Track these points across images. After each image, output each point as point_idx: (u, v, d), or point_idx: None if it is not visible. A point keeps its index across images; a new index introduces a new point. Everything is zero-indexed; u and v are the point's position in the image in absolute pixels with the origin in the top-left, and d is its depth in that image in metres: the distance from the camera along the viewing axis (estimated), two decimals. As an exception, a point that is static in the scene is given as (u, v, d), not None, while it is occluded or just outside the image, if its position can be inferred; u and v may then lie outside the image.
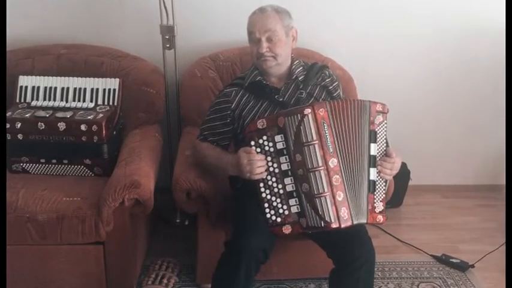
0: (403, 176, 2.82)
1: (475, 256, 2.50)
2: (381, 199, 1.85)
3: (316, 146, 1.74)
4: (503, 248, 2.50)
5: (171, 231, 2.67)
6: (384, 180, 1.87)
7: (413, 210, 2.95)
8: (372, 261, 1.83)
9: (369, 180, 1.82)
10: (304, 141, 1.75)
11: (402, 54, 2.84)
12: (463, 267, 2.44)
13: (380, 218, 1.85)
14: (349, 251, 1.80)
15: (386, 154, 1.87)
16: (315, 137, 1.74)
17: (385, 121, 1.86)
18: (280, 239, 1.99)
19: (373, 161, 1.83)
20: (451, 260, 2.48)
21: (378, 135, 1.85)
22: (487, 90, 2.94)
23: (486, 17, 2.78)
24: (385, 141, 1.88)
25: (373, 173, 1.83)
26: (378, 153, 1.85)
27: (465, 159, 3.12)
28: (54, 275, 2.09)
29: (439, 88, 2.94)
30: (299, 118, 1.75)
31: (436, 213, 2.95)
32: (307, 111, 1.75)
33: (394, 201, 2.78)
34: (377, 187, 1.85)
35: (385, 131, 1.87)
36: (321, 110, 1.76)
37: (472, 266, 2.46)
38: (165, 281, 2.22)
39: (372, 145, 1.83)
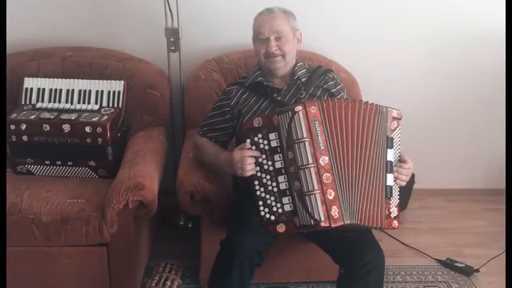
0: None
1: (480, 260, 2.49)
2: (395, 205, 1.85)
3: (307, 143, 1.74)
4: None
5: (174, 234, 2.67)
6: (398, 185, 1.87)
7: (418, 214, 2.94)
8: (382, 265, 1.83)
9: (386, 186, 1.82)
10: (295, 138, 1.75)
11: (407, 57, 2.83)
12: (467, 271, 2.43)
13: (395, 224, 1.85)
14: (360, 255, 1.79)
15: (400, 160, 1.87)
16: (305, 135, 1.75)
17: (400, 127, 1.86)
18: (283, 241, 2.00)
19: (389, 167, 1.83)
20: (455, 264, 2.47)
21: (394, 141, 1.85)
22: (493, 93, 2.92)
23: (490, 20, 2.77)
24: (399, 147, 1.88)
25: (390, 179, 1.83)
26: (393, 159, 1.85)
27: (470, 163, 3.10)
28: (58, 277, 2.10)
29: (443, 91, 2.93)
30: (290, 115, 1.76)
31: (440, 217, 2.94)
32: (298, 108, 1.75)
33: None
34: (393, 193, 1.85)
35: (400, 137, 1.87)
36: (312, 107, 1.76)
37: (477, 271, 2.44)
38: (168, 283, 2.22)
39: (389, 151, 1.83)
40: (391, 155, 1.83)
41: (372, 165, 1.80)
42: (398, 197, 1.87)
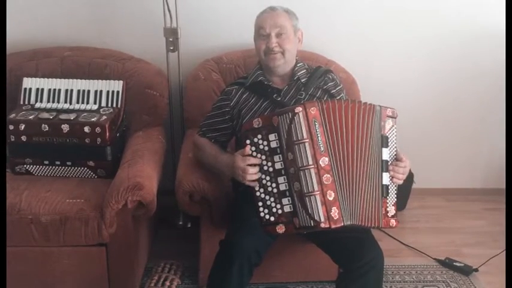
0: (406, 178, 2.79)
1: (479, 260, 2.49)
2: (393, 203, 1.86)
3: (307, 144, 1.74)
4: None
5: (173, 234, 2.67)
6: (395, 184, 1.87)
7: (417, 214, 2.94)
8: (381, 265, 1.83)
9: (382, 185, 1.82)
10: (295, 139, 1.75)
11: (406, 58, 2.83)
12: (466, 271, 2.43)
13: (393, 222, 1.85)
14: (359, 255, 1.80)
15: (397, 158, 1.88)
16: (305, 136, 1.74)
17: (395, 126, 1.86)
18: (283, 241, 2.00)
19: (385, 166, 1.83)
20: (454, 263, 2.47)
21: (389, 140, 1.85)
22: (493, 93, 2.92)
23: (489, 21, 2.77)
24: (395, 145, 1.88)
25: (385, 178, 1.83)
26: (389, 158, 1.85)
27: (470, 162, 3.10)
28: (57, 277, 2.10)
29: (443, 91, 2.93)
30: (290, 116, 1.75)
31: (439, 216, 2.95)
32: (298, 109, 1.75)
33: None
34: (389, 191, 1.85)
35: (395, 135, 1.87)
36: (312, 108, 1.76)
37: (476, 270, 2.44)
38: (167, 283, 2.22)
39: (384, 150, 1.83)
40: (386, 154, 1.83)
41: (369, 165, 1.80)
42: (395, 195, 1.87)
